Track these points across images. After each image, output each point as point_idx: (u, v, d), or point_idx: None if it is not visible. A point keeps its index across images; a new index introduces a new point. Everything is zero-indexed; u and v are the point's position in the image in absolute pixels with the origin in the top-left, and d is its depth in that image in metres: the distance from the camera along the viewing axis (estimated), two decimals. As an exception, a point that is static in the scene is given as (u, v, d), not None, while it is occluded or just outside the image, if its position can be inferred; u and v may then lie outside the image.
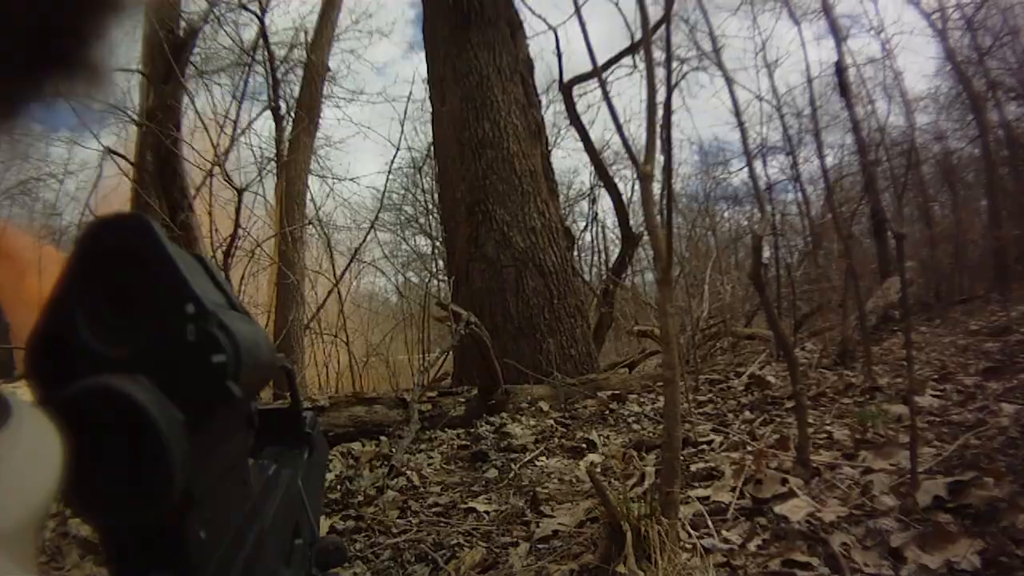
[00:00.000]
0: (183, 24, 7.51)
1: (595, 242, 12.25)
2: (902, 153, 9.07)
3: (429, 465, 3.36)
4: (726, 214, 13.08)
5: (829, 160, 9.30)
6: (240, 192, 4.74)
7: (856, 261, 6.37)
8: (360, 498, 2.93)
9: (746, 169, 9.60)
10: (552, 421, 3.98)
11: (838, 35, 7.65)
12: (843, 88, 7.18)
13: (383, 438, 3.78)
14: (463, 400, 4.22)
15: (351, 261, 6.79)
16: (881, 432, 2.78)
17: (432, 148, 7.56)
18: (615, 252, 9.61)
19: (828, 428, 2.91)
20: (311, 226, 7.80)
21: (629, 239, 7.54)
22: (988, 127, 8.48)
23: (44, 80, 0.33)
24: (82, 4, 0.32)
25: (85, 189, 7.94)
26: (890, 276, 5.89)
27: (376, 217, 7.17)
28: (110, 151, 6.80)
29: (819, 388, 3.54)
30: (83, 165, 8.36)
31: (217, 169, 5.09)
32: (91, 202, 6.92)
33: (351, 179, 9.87)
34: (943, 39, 8.60)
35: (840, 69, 7.25)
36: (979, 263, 8.18)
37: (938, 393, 3.11)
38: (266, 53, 7.74)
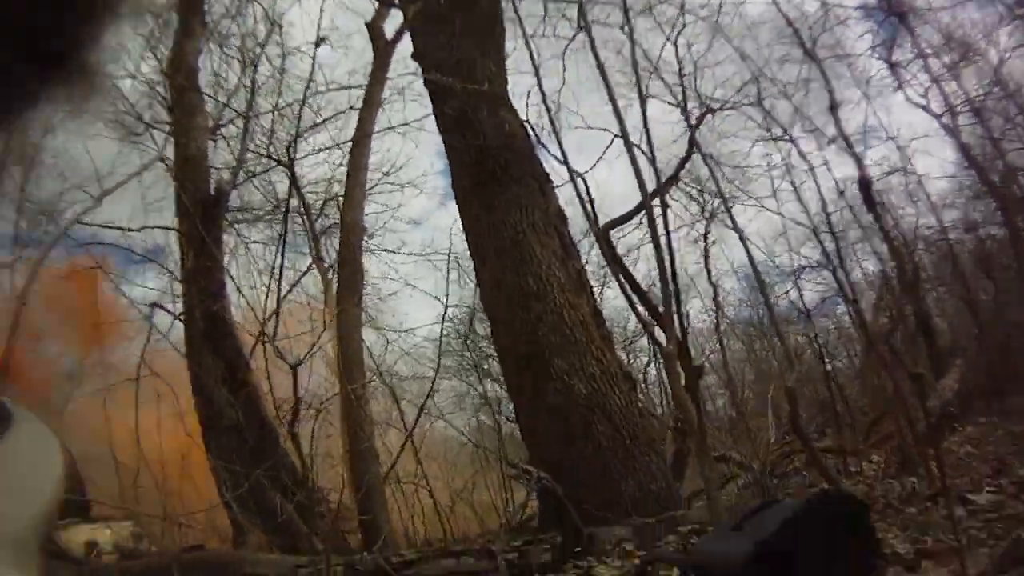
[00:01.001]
0: (213, 182, 7.39)
1: (660, 375, 12.20)
2: (936, 252, 9.17)
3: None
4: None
5: (872, 267, 9.31)
6: (295, 367, 4.44)
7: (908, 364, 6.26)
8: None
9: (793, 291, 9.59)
10: (639, 560, 4.16)
11: (859, 158, 8.02)
12: (869, 204, 7.50)
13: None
14: (547, 548, 4.46)
15: (419, 415, 6.97)
16: (942, 537, 2.90)
17: (481, 303, 7.46)
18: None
19: (892, 541, 3.04)
20: (374, 381, 7.50)
21: (689, 372, 7.61)
22: (1013, 208, 8.50)
23: (42, 83, 0.34)
24: (79, 8, 0.33)
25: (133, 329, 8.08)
26: (943, 375, 5.85)
27: (437, 370, 7.30)
28: (158, 305, 7.22)
29: (886, 499, 3.64)
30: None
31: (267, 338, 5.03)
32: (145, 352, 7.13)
33: (407, 330, 9.76)
34: (956, 137, 8.87)
35: (864, 186, 7.60)
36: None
37: (994, 488, 3.20)
38: (302, 206, 7.56)
